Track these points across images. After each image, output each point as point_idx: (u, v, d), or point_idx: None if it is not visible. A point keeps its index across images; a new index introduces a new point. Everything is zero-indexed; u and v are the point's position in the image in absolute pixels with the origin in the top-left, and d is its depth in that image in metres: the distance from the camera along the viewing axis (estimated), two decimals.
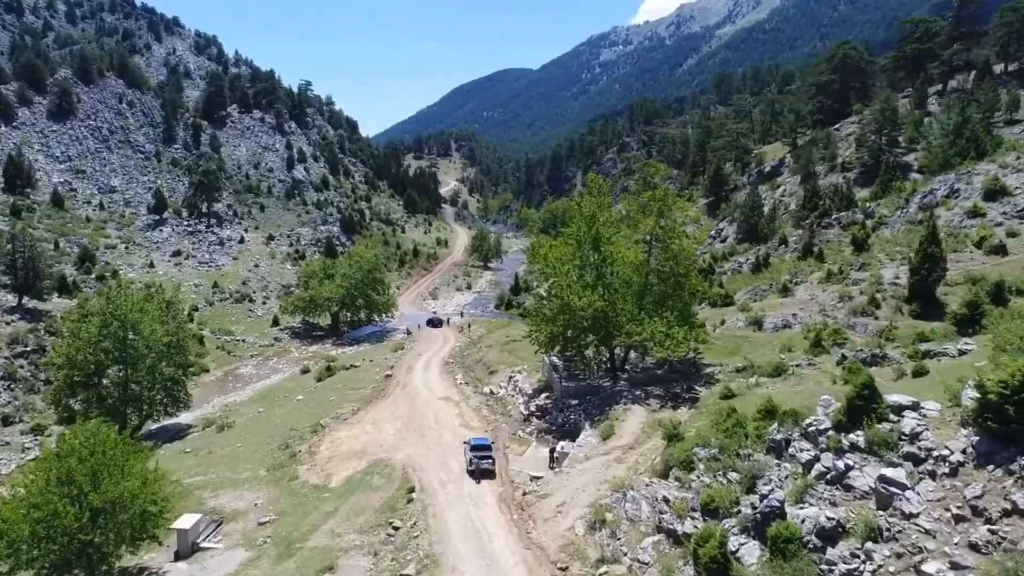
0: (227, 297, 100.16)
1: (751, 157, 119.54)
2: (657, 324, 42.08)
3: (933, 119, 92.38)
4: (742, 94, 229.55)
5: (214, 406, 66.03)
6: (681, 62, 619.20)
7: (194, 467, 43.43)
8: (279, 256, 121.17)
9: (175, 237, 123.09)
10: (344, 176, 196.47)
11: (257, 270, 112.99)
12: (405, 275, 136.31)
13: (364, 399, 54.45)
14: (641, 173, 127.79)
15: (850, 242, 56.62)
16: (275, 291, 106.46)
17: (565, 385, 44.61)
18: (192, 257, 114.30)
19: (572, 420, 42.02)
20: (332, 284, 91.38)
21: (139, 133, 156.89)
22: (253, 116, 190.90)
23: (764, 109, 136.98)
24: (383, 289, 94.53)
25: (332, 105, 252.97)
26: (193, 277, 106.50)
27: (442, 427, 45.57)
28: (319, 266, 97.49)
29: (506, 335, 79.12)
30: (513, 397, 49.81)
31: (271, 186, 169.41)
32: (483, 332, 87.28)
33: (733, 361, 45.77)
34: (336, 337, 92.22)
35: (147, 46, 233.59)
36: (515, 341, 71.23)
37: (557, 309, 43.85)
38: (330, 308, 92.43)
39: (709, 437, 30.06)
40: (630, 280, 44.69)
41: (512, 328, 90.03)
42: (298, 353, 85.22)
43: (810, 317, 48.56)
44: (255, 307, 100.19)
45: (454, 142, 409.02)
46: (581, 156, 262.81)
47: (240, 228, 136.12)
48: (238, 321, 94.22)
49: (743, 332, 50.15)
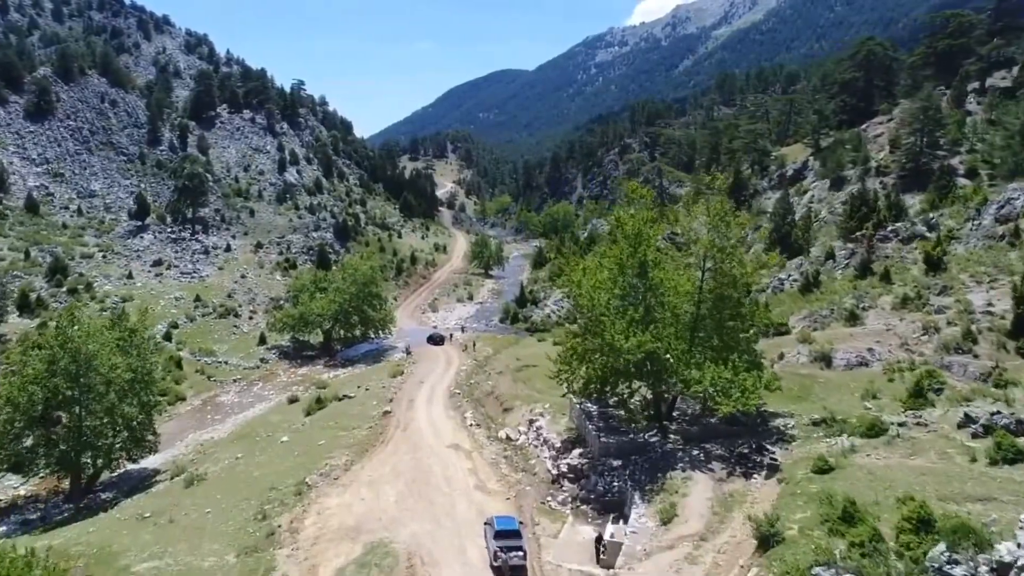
0: (210, 312, 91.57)
1: (770, 160, 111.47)
2: (719, 369, 33.89)
3: (976, 119, 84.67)
4: (751, 93, 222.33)
5: (188, 445, 57.53)
6: (677, 63, 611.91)
7: (149, 544, 34.92)
8: (268, 265, 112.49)
9: (157, 245, 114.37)
10: (338, 179, 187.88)
11: (244, 281, 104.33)
12: (402, 284, 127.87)
13: (359, 445, 46.05)
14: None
15: (923, 260, 48.45)
16: (263, 304, 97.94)
17: (604, 441, 36.29)
18: (174, 267, 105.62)
19: (616, 488, 33.74)
20: (324, 299, 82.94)
21: (122, 134, 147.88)
22: (243, 116, 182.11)
23: (782, 109, 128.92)
24: (380, 304, 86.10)
25: (326, 105, 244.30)
26: (174, 289, 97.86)
27: (454, 489, 37.23)
28: (310, 279, 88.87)
29: (516, 357, 70.78)
30: (536, 448, 41.51)
31: (262, 189, 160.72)
32: (489, 351, 78.95)
33: (804, 409, 37.64)
34: (328, 357, 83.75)
35: (136, 45, 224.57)
36: (529, 367, 63.04)
37: (595, 348, 35.54)
38: (322, 325, 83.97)
39: (829, 548, 21.84)
40: (676, 309, 36.35)
41: (522, 347, 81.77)
42: (286, 376, 76.72)
43: (890, 353, 40.48)
44: (240, 323, 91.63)
45: (450, 143, 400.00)
46: (581, 157, 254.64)
47: (227, 235, 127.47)
48: (221, 339, 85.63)
49: (809, 370, 42.02)
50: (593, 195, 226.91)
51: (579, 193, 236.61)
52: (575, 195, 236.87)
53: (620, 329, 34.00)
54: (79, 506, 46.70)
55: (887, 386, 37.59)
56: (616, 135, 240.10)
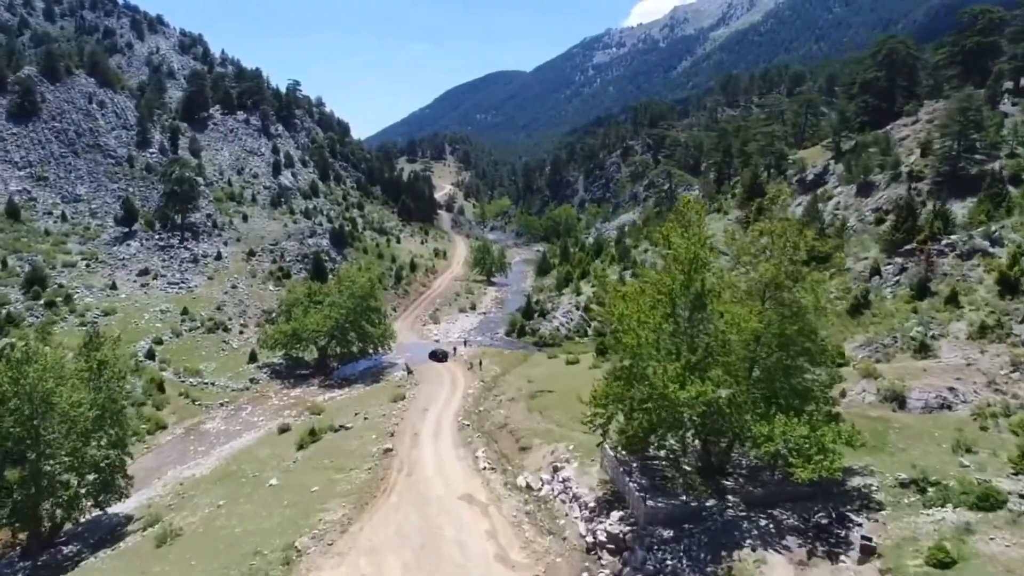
0: (198, 326, 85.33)
1: (788, 163, 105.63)
2: (791, 423, 27.88)
3: (1016, 120, 78.93)
4: (755, 94, 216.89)
5: (166, 484, 51.32)
6: (675, 64, 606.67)
7: None
8: (260, 275, 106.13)
9: (143, 253, 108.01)
10: (335, 182, 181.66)
11: (235, 292, 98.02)
12: (401, 293, 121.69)
13: (357, 493, 39.94)
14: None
15: (996, 280, 42.52)
16: (254, 317, 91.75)
17: (650, 505, 30.21)
18: (161, 276, 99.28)
19: (669, 568, 27.69)
20: (319, 314, 76.80)
21: (110, 136, 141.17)
22: (237, 118, 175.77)
23: (796, 110, 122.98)
24: (379, 319, 79.99)
25: (322, 106, 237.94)
26: (160, 301, 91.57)
27: (469, 560, 31.17)
28: (304, 291, 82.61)
29: (528, 378, 64.77)
30: (565, 504, 35.43)
31: (255, 193, 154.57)
32: (497, 370, 72.98)
33: (885, 464, 31.61)
34: (324, 375, 77.58)
35: (129, 45, 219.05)
36: (544, 393, 57.05)
37: (644, 396, 29.44)
38: (317, 341, 77.82)
39: None
40: (739, 350, 30.25)
41: (532, 365, 75.78)
42: (277, 399, 70.52)
43: (976, 393, 34.60)
44: (230, 337, 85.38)
45: (448, 145, 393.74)
46: (582, 160, 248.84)
47: (219, 242, 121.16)
48: (209, 356, 79.37)
49: (879, 412, 36.00)
50: (595, 198, 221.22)
51: (581, 196, 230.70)
52: (576, 198, 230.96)
53: (673, 375, 27.97)
54: (36, 563, 40.53)
55: (981, 436, 31.67)
56: (618, 137, 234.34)
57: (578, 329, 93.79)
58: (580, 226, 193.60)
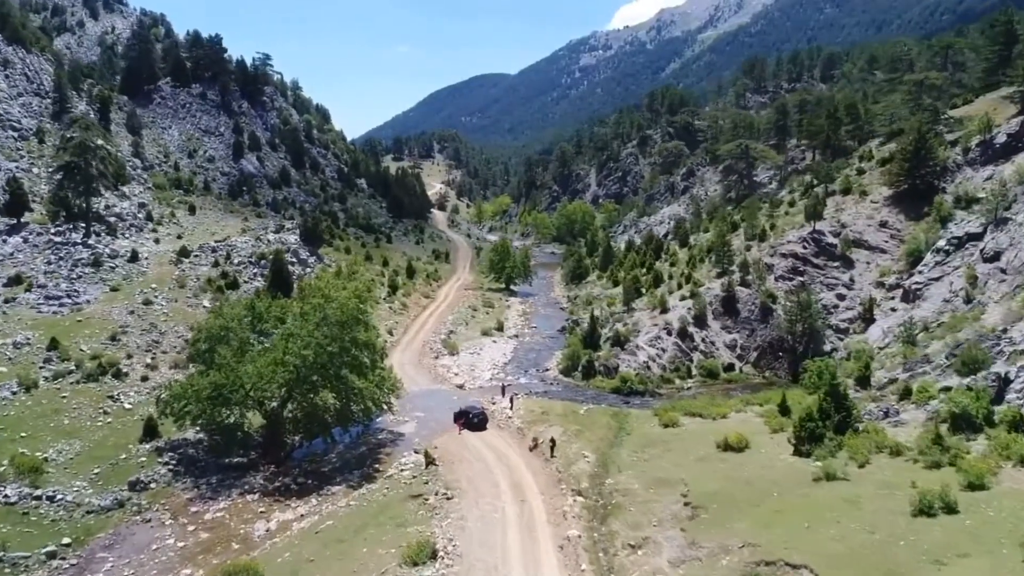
0: (71, 370, 49.54)
1: (947, 123, 72.25)
2: None
3: None
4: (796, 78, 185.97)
5: None
6: (664, 66, 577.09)
7: None
8: (193, 284, 69.95)
9: (27, 252, 71.57)
10: (311, 170, 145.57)
11: (146, 311, 61.89)
12: (399, 308, 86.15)
13: None
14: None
15: None
16: (171, 352, 55.99)
17: None
18: (38, 288, 62.97)
19: None
20: (266, 355, 41.62)
21: (15, 103, 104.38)
22: (191, 91, 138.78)
23: (931, 60, 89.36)
24: (371, 360, 44.93)
25: (299, 90, 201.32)
26: (22, 326, 55.55)
27: None
28: (242, 311, 46.69)
29: (682, 488, 30.50)
30: None
31: (210, 180, 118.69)
32: (589, 458, 38.48)
33: None
34: (274, 464, 42.23)
35: (80, 24, 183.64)
36: (705, 510, 22.68)
37: None
38: (264, 402, 42.51)
39: None
40: None
41: (647, 443, 41.46)
42: (177, 528, 35.03)
43: None
44: (125, 389, 49.48)
45: (437, 143, 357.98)
46: (593, 152, 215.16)
47: (149, 239, 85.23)
48: (74, 430, 43.45)
49: None
50: (611, 193, 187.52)
51: (594, 191, 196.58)
52: (589, 193, 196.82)
53: None
54: None
55: None
56: (635, 126, 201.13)
57: (675, 366, 59.29)
58: (596, 224, 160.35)
